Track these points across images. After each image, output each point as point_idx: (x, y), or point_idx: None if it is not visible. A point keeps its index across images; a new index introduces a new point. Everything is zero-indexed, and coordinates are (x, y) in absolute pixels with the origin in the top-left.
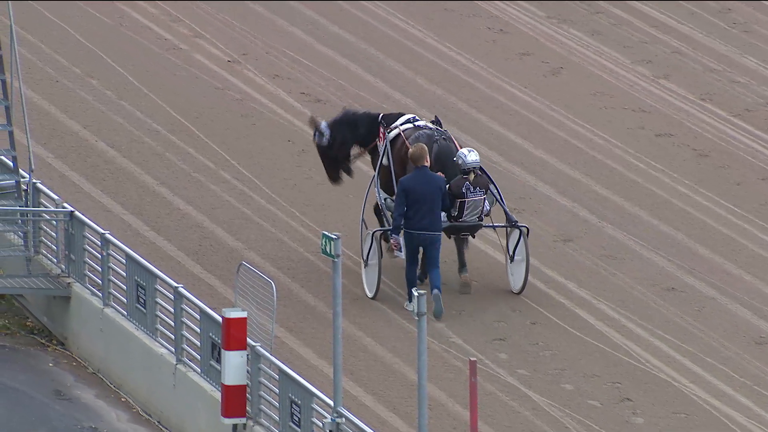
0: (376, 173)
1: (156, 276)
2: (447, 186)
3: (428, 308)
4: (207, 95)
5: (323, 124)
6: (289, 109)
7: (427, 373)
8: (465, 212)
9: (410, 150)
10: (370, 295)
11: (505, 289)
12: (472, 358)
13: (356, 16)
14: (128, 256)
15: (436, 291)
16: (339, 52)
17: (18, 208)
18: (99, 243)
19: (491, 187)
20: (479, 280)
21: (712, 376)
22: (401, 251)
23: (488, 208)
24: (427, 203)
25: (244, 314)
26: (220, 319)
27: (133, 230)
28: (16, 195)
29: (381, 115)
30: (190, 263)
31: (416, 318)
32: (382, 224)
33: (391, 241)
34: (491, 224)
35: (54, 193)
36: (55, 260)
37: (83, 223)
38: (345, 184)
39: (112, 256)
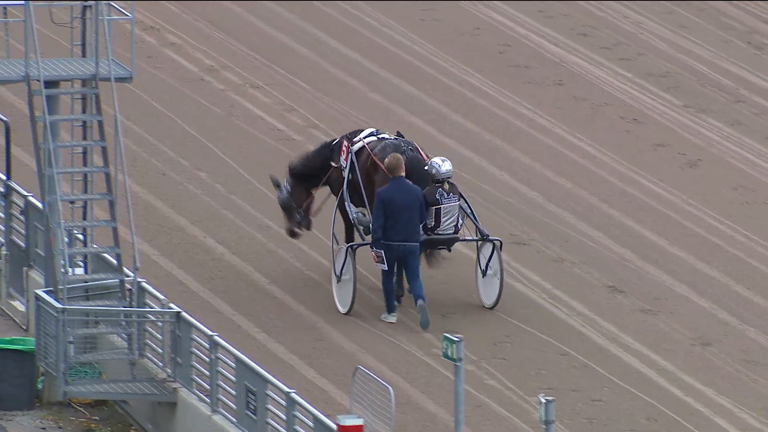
0: (344, 187)
1: (267, 381)
2: (423, 196)
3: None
4: (321, 189)
5: (285, 180)
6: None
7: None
8: (442, 220)
9: (386, 160)
10: (343, 310)
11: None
12: None
13: (479, 104)
14: (238, 360)
15: (420, 302)
16: (462, 143)
17: (122, 308)
18: (207, 345)
19: (461, 202)
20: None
21: None
22: (384, 263)
23: (461, 222)
24: (406, 214)
25: (360, 421)
26: (335, 426)
27: (242, 332)
28: (119, 295)
29: (334, 140)
30: (303, 367)
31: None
32: (352, 239)
33: (373, 254)
34: (465, 238)
35: (159, 292)
36: (160, 364)
37: (190, 325)
38: None
39: (220, 359)
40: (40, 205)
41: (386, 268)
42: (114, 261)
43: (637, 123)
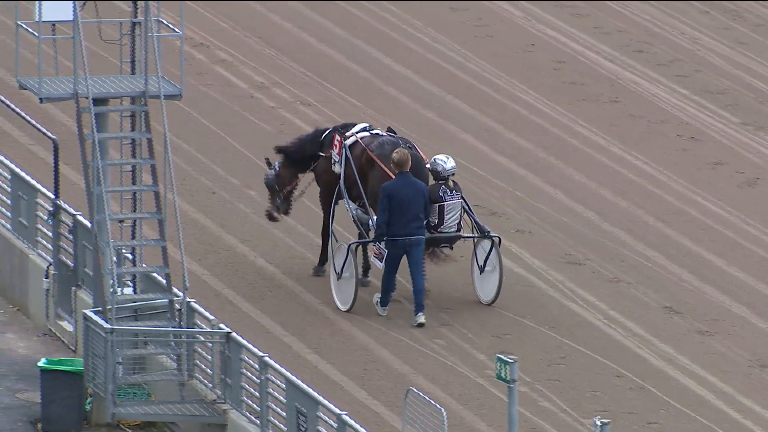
0: (341, 183)
1: (318, 402)
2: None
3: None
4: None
5: (276, 161)
6: (468, 230)
7: None
8: (446, 217)
9: (394, 155)
10: (343, 308)
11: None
12: None
13: (532, 121)
14: (288, 381)
15: (420, 317)
16: (515, 161)
17: (171, 328)
18: (257, 366)
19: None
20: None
21: None
22: (382, 261)
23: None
24: (412, 209)
25: None
26: None
27: (293, 353)
28: (169, 315)
29: (332, 127)
30: (355, 388)
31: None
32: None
33: (374, 248)
34: (465, 235)
35: (209, 312)
36: (210, 385)
37: (240, 346)
38: None
39: (270, 380)
40: (88, 224)
41: (382, 266)
42: (163, 281)
43: (694, 141)
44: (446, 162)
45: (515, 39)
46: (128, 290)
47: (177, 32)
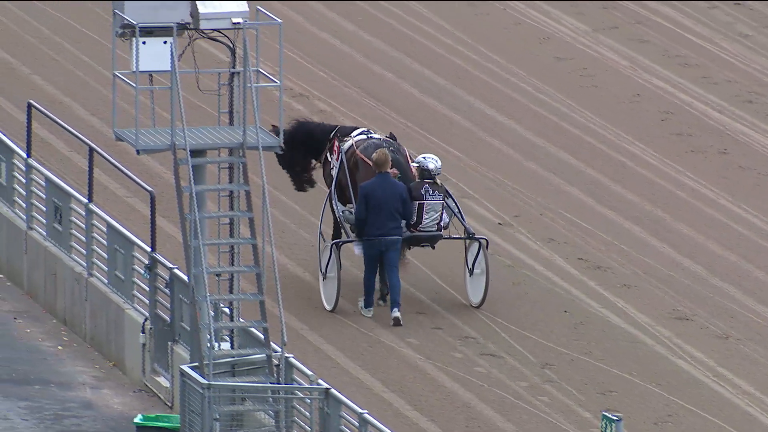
0: (332, 186)
1: None
2: (408, 192)
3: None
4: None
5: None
6: (566, 277)
7: None
8: (424, 216)
9: (374, 155)
10: (328, 308)
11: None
12: None
13: (639, 173)
14: None
15: (396, 313)
16: (621, 214)
17: (269, 384)
18: (356, 424)
19: (449, 200)
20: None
21: None
22: (357, 250)
23: (447, 220)
24: (388, 208)
25: None
26: None
27: (393, 410)
28: (267, 371)
29: (337, 127)
30: None
31: None
32: (339, 236)
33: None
34: (450, 236)
35: (308, 368)
36: None
37: (340, 402)
38: None
39: None
40: (185, 277)
41: (357, 253)
42: (261, 335)
43: None
44: (429, 163)
45: (621, 89)
46: (225, 345)
47: (276, 82)
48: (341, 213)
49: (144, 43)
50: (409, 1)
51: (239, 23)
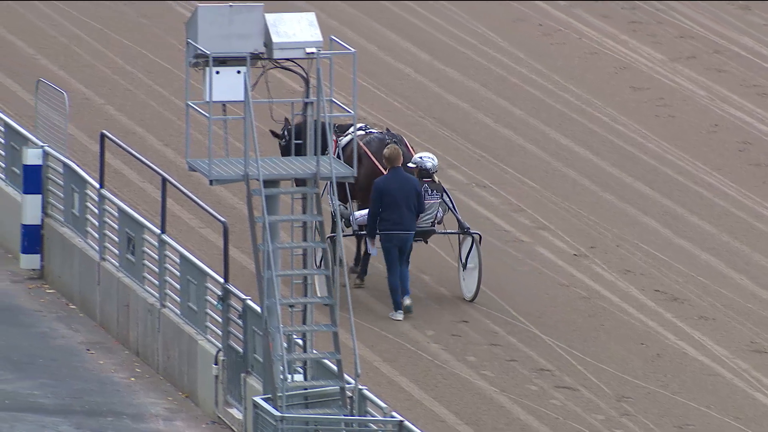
0: (328, 182)
1: None
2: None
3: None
4: (550, 292)
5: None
6: (642, 309)
7: None
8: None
9: (385, 151)
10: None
11: None
12: None
13: (716, 204)
14: None
15: (407, 300)
16: (698, 245)
17: (343, 417)
18: None
19: (444, 196)
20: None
21: None
22: (373, 248)
23: (441, 215)
24: (404, 203)
25: None
26: None
27: None
28: (340, 403)
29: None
30: None
31: None
32: (333, 230)
33: (368, 244)
34: (445, 231)
35: (381, 400)
36: None
37: None
38: None
39: None
40: (258, 308)
41: (375, 254)
42: (334, 367)
43: None
44: (427, 161)
45: (698, 119)
46: (299, 377)
47: (350, 112)
48: (337, 207)
49: (217, 72)
50: (485, 31)
51: (313, 53)
